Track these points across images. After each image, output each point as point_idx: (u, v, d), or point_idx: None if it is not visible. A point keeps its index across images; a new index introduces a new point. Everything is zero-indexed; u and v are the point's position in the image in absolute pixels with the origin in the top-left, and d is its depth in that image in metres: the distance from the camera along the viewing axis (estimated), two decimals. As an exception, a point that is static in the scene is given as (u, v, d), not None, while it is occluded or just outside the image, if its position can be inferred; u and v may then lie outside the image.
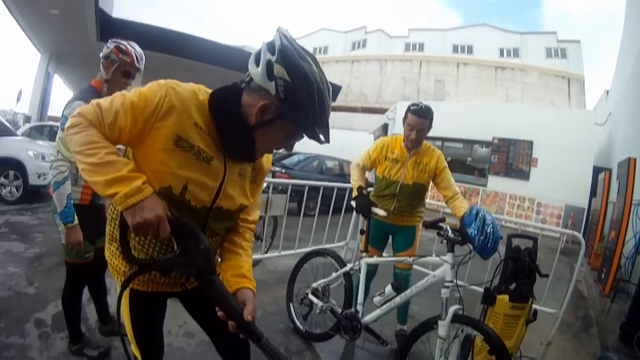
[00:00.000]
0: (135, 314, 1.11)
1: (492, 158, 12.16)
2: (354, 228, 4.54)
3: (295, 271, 2.81)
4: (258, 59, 0.94)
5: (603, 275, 4.78)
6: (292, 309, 2.78)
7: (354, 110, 26.51)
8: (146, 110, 0.91)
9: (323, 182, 5.20)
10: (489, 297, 2.37)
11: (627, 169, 4.82)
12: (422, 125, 2.48)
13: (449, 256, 1.99)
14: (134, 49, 2.03)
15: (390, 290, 2.21)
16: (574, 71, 24.19)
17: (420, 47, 29.54)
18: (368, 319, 2.25)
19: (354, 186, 2.61)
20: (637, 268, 4.33)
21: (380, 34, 31.25)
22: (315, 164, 8.99)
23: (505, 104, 17.01)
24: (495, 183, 12.05)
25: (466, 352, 2.13)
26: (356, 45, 31.96)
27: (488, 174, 12.30)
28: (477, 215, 1.96)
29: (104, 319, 2.33)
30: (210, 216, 1.05)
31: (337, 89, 18.17)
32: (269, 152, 1.13)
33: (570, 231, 3.50)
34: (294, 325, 2.71)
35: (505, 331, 2.29)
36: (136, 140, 0.93)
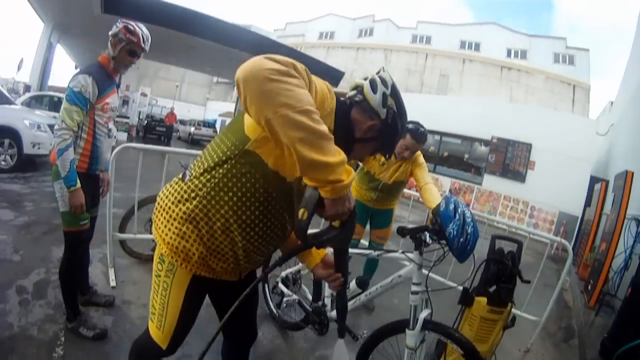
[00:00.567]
0: (190, 299, 1.13)
1: (490, 157, 12.10)
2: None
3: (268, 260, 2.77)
4: (374, 88, 1.12)
5: (590, 287, 4.77)
6: (268, 294, 2.74)
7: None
8: (322, 104, 0.99)
9: None
10: (467, 298, 2.36)
11: (624, 182, 4.79)
12: (417, 148, 2.70)
13: (415, 255, 1.81)
14: (142, 30, 2.10)
15: (354, 286, 2.10)
16: (580, 79, 24.12)
17: (428, 40, 29.26)
18: (334, 314, 2.13)
19: None
20: (624, 284, 4.28)
21: (388, 23, 30.88)
22: None
23: (508, 104, 16.88)
24: (490, 182, 12.00)
25: (439, 354, 2.13)
26: (363, 32, 31.63)
27: (484, 173, 12.25)
28: (456, 212, 1.73)
29: (82, 289, 2.35)
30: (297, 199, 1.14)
31: (340, 75, 18.01)
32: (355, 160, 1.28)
33: (559, 239, 3.48)
34: (269, 310, 2.69)
35: (480, 335, 2.29)
36: None
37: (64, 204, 1.94)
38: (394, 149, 1.23)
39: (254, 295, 1.33)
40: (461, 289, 2.27)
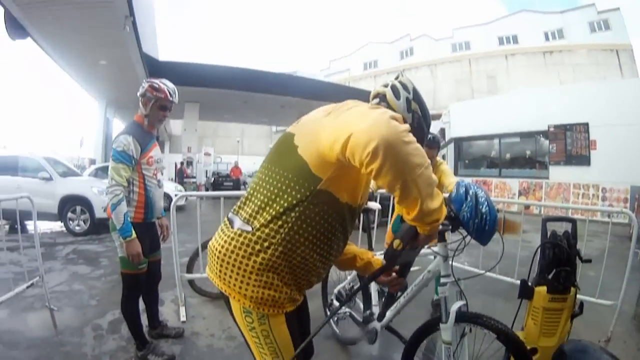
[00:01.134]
0: (294, 332, 1.12)
1: (551, 147, 11.36)
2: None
3: (324, 279, 2.80)
4: (397, 94, 1.17)
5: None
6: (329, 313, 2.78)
7: None
8: None
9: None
10: (526, 291, 2.24)
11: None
12: (432, 155, 2.86)
13: (439, 247, 1.76)
14: (167, 86, 2.26)
15: None
16: (620, 41, 22.93)
17: (467, 46, 29.36)
18: (382, 321, 2.14)
19: None
20: None
21: (425, 38, 31.41)
22: None
23: (555, 88, 15.96)
24: (557, 174, 11.23)
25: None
26: (404, 54, 32.37)
27: (549, 166, 11.52)
28: (468, 194, 1.65)
29: (153, 323, 2.59)
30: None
31: None
32: None
33: (619, 209, 3.16)
34: (332, 329, 2.72)
35: (546, 327, 2.13)
36: None
37: (122, 250, 2.13)
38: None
39: (307, 310, 1.33)
40: (489, 274, 2.19)
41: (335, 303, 2.58)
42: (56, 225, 7.18)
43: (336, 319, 2.60)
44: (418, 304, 2.78)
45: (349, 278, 2.53)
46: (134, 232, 2.06)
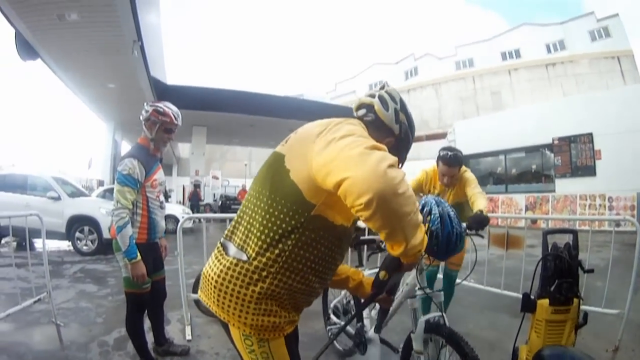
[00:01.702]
0: (292, 352, 1.10)
1: (556, 160, 11.39)
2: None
3: (324, 294, 2.79)
4: (386, 105, 1.16)
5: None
6: (328, 329, 2.76)
7: (419, 139, 26.66)
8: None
9: None
10: (528, 304, 2.23)
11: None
12: (453, 172, 2.69)
13: None
14: (171, 109, 2.31)
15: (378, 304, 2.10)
16: (620, 47, 23.08)
17: (470, 63, 29.69)
18: (372, 333, 2.17)
19: None
20: None
21: (429, 57, 31.83)
22: None
23: (559, 101, 16.08)
24: (563, 186, 11.23)
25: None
26: (408, 73, 32.78)
27: (555, 178, 11.53)
28: (422, 211, 1.63)
29: (160, 340, 2.60)
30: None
31: None
32: None
33: (621, 217, 3.15)
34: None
35: (550, 339, 2.11)
36: None
37: (126, 270, 2.16)
38: (403, 163, 1.23)
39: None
40: (491, 289, 2.22)
41: (332, 317, 2.59)
42: (64, 245, 7.26)
43: (330, 334, 2.62)
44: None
45: (343, 293, 2.54)
46: (139, 255, 2.10)
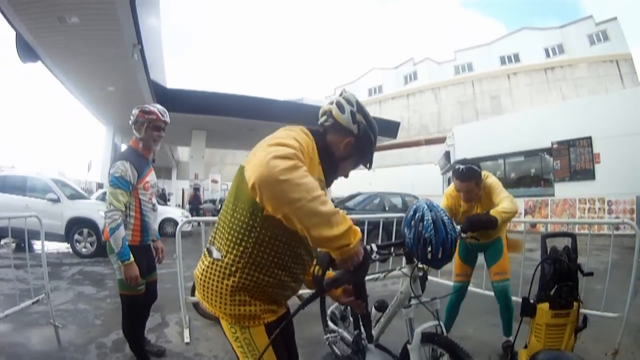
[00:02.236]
0: (276, 344, 1.17)
1: (555, 164, 11.43)
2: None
3: (321, 302, 2.73)
4: (342, 109, 1.25)
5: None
6: (327, 334, 2.70)
7: (418, 143, 26.79)
8: (308, 154, 1.08)
9: (367, 215, 5.20)
10: (528, 308, 2.23)
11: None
12: (468, 187, 2.49)
13: (408, 268, 1.71)
14: (156, 107, 2.34)
15: (374, 311, 1.99)
16: (619, 51, 23.18)
17: (469, 67, 29.75)
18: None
19: None
20: None
21: (428, 62, 31.86)
22: (376, 201, 9.07)
23: (558, 105, 16.14)
24: (562, 190, 11.26)
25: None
26: (408, 78, 32.81)
27: (554, 182, 11.57)
28: (414, 217, 1.58)
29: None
30: None
31: (396, 126, 18.11)
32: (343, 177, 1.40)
33: (620, 220, 3.15)
34: (331, 350, 2.67)
35: (550, 343, 2.11)
36: None
37: (120, 272, 2.17)
38: (372, 158, 1.35)
39: (291, 328, 1.41)
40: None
41: (330, 323, 2.56)
42: (63, 246, 7.25)
43: (328, 343, 2.60)
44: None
45: None
46: (132, 256, 2.10)
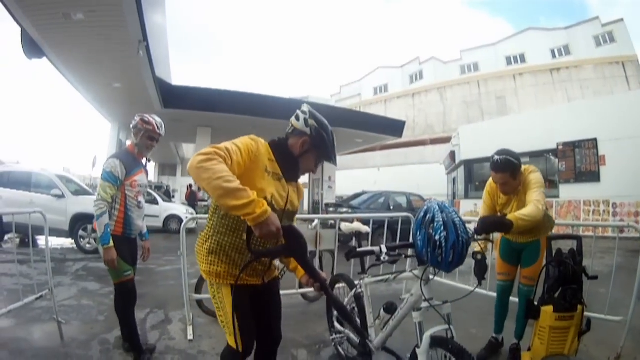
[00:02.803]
0: (240, 307, 1.47)
1: (560, 165, 11.38)
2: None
3: (327, 302, 2.73)
4: (298, 118, 1.60)
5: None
6: (333, 335, 2.70)
7: (423, 143, 26.69)
8: (251, 153, 1.45)
9: (372, 215, 5.16)
10: (532, 311, 2.22)
11: None
12: (504, 179, 2.45)
13: (419, 270, 1.70)
14: (155, 119, 2.59)
15: (383, 313, 2.00)
16: (625, 53, 23.03)
17: (475, 67, 29.64)
18: (377, 343, 2.05)
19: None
20: None
21: (434, 61, 31.72)
22: (381, 200, 9.04)
23: (563, 106, 16.06)
24: (567, 191, 11.22)
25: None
26: (414, 77, 32.69)
27: (559, 184, 11.52)
28: (425, 219, 1.58)
29: (125, 335, 2.66)
30: (284, 215, 1.57)
31: (401, 125, 18.02)
32: (307, 173, 1.70)
33: (625, 223, 3.11)
34: (337, 351, 2.66)
35: (553, 347, 2.11)
36: (242, 171, 1.39)
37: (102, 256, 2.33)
38: (330, 155, 1.62)
39: (273, 298, 1.73)
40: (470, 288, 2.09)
41: (336, 324, 2.55)
42: (67, 242, 7.29)
43: (334, 344, 2.61)
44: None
45: (346, 300, 2.51)
46: (112, 242, 2.31)
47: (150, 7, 7.80)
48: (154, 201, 10.48)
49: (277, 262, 1.77)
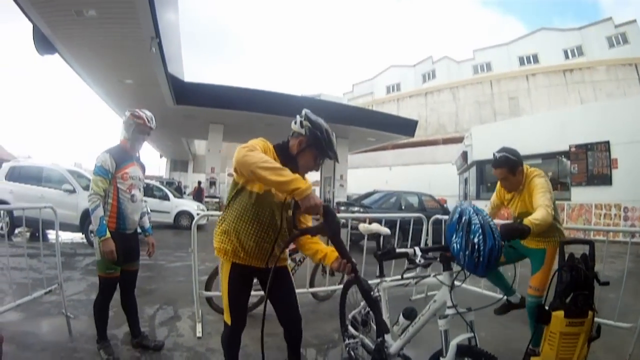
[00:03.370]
0: (232, 283, 1.78)
1: (572, 168, 11.25)
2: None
3: (342, 304, 2.70)
4: (295, 121, 1.78)
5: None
6: (346, 341, 2.60)
7: (435, 143, 26.56)
8: (266, 151, 1.67)
9: (384, 215, 5.12)
10: (543, 316, 2.18)
11: None
12: (502, 175, 2.61)
13: (444, 276, 1.67)
14: (145, 113, 2.62)
15: (402, 319, 1.96)
16: (639, 55, 22.64)
17: (488, 67, 29.51)
18: (393, 349, 2.00)
19: None
20: None
21: (447, 61, 31.58)
22: (393, 200, 9.01)
23: (576, 108, 15.85)
24: (578, 194, 11.10)
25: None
26: (426, 76, 32.59)
27: (571, 187, 11.40)
28: (460, 221, 1.56)
29: (135, 332, 2.70)
30: (283, 207, 1.75)
31: (414, 124, 17.92)
32: (308, 171, 1.84)
33: (637, 228, 3.05)
34: (349, 356, 2.56)
35: (563, 352, 2.07)
36: None
37: (98, 253, 2.39)
38: (325, 151, 1.77)
39: (284, 283, 1.86)
40: (502, 299, 2.13)
41: (350, 329, 2.48)
42: (77, 237, 7.35)
43: (348, 349, 2.53)
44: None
45: (362, 304, 2.44)
46: (108, 233, 2.34)
47: (163, 4, 7.84)
48: (165, 197, 10.55)
49: (288, 253, 1.95)
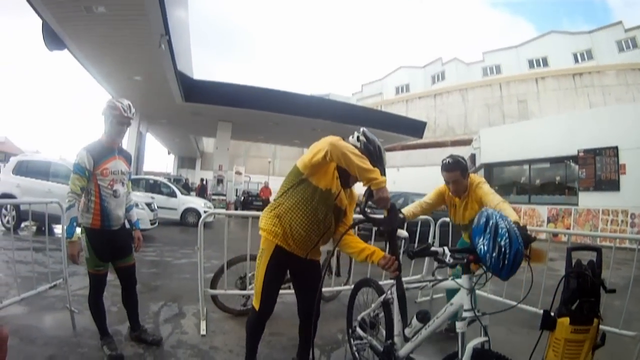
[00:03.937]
0: (270, 269, 1.95)
1: (580, 173, 11.13)
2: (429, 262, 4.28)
3: (350, 304, 2.66)
4: (353, 136, 1.98)
5: None
6: (352, 342, 2.58)
7: (444, 144, 26.41)
8: None
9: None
10: (548, 322, 2.16)
11: None
12: (454, 178, 2.70)
13: (464, 279, 1.68)
14: (121, 103, 2.48)
15: (416, 322, 1.94)
16: None
17: (497, 69, 29.42)
18: (402, 352, 1.98)
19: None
20: None
21: (456, 62, 31.48)
22: (400, 201, 9.12)
23: (585, 112, 15.69)
24: (586, 200, 10.99)
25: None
26: (435, 78, 32.48)
27: (578, 192, 11.29)
28: (487, 224, 1.61)
29: (134, 326, 2.71)
30: (335, 210, 1.98)
31: (422, 125, 17.87)
32: (356, 181, 1.95)
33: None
34: (354, 356, 2.54)
35: (568, 359, 2.05)
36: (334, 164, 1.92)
37: (85, 251, 2.37)
38: (374, 163, 1.82)
39: (313, 274, 2.07)
40: (512, 303, 2.11)
41: (358, 330, 2.45)
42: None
43: (355, 350, 2.50)
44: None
45: (373, 306, 2.40)
46: (75, 236, 2.31)
47: (172, 1, 7.87)
48: (172, 194, 10.62)
49: (323, 247, 2.14)
